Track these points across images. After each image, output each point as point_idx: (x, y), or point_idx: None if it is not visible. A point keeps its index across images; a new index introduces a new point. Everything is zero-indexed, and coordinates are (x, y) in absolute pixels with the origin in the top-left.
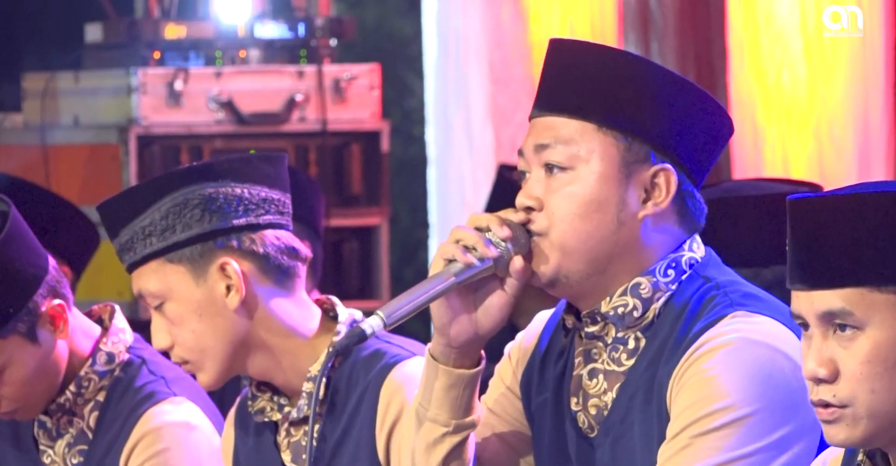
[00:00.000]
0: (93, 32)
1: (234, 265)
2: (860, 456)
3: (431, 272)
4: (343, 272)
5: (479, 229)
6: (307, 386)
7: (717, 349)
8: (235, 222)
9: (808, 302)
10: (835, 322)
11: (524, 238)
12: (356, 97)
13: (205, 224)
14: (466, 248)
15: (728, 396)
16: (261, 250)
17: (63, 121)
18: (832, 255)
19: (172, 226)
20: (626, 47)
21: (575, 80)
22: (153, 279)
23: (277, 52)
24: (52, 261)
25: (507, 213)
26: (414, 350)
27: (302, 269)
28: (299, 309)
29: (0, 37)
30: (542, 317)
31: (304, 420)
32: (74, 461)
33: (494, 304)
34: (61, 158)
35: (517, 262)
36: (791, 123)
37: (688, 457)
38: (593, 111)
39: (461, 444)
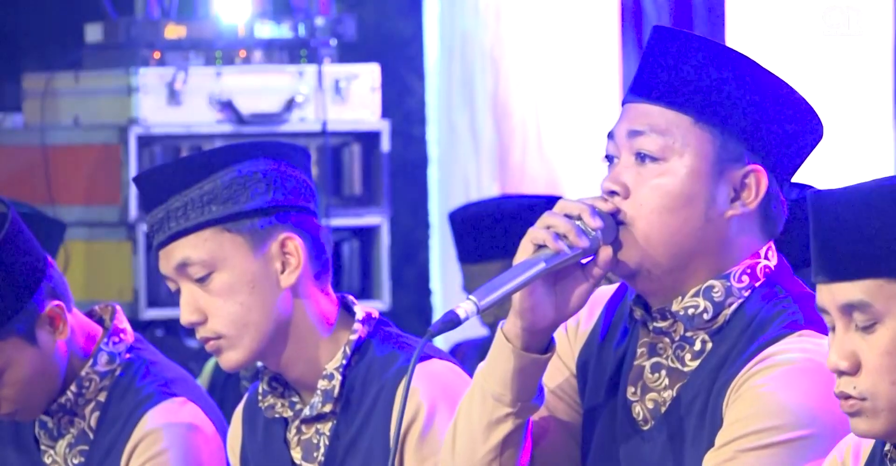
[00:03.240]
0: (93, 32)
1: (299, 241)
2: (888, 446)
3: (519, 256)
4: (343, 272)
5: (569, 216)
6: (323, 384)
7: (778, 365)
8: (294, 202)
9: (829, 294)
10: (855, 314)
11: (613, 228)
12: (356, 97)
13: (268, 197)
14: (558, 235)
15: (781, 416)
16: (314, 234)
17: (63, 121)
18: (850, 247)
19: (237, 196)
20: (626, 46)
21: (676, 71)
22: (206, 247)
23: (277, 52)
24: (51, 262)
25: (596, 201)
26: (430, 352)
27: (329, 264)
28: (327, 302)
29: (0, 37)
30: (602, 296)
31: (316, 418)
32: (75, 461)
33: (576, 292)
34: (61, 158)
35: (605, 253)
36: None
37: None
38: (692, 104)
39: (521, 427)
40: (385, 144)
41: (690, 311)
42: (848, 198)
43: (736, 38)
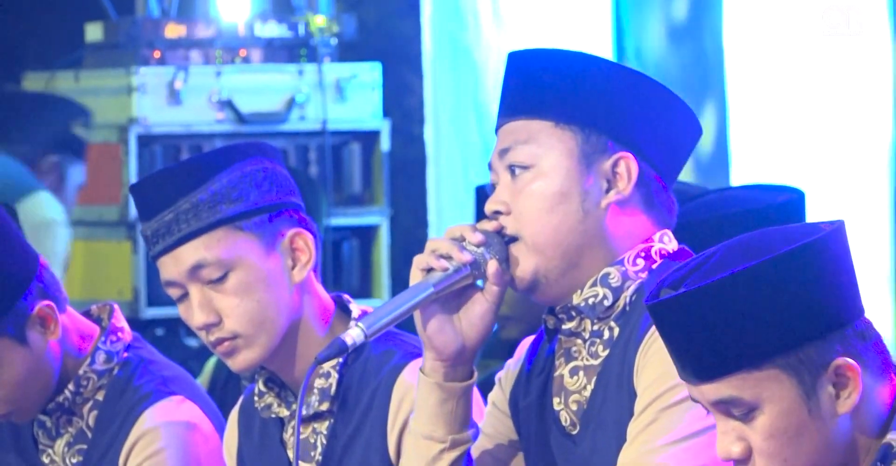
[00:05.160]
0: (93, 32)
1: (308, 236)
2: None
3: (411, 283)
4: (343, 272)
5: (453, 239)
6: (319, 382)
7: None
8: (292, 199)
9: (698, 393)
10: (730, 409)
11: (499, 243)
12: (356, 97)
13: (273, 194)
14: (441, 256)
15: None
16: (312, 230)
17: None
18: (700, 351)
19: (246, 194)
20: (625, 45)
21: (529, 84)
22: (221, 247)
23: (277, 52)
24: (43, 263)
25: (481, 222)
26: None
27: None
28: (324, 300)
29: (0, 37)
30: (526, 342)
31: (313, 417)
32: (74, 460)
33: (476, 313)
34: None
35: (492, 266)
36: (790, 124)
37: (654, 432)
38: (549, 109)
39: (459, 460)
40: (385, 144)
41: (591, 301)
42: (679, 304)
43: (735, 37)
